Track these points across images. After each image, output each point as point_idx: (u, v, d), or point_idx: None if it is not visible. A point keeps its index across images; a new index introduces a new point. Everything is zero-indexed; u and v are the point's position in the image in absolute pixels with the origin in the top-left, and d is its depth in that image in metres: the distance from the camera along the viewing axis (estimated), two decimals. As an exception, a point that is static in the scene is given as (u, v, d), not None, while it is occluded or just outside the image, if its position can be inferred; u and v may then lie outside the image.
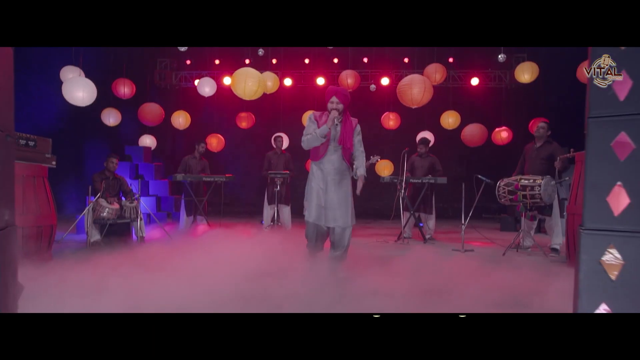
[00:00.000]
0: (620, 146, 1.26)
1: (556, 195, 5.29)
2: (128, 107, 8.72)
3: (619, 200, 1.27)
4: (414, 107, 6.13)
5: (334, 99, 3.72)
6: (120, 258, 4.15)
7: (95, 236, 5.44)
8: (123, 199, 5.88)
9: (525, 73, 7.61)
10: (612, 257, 1.27)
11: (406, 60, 10.27)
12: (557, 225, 5.31)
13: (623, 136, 1.26)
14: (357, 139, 3.88)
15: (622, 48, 1.26)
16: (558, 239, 5.25)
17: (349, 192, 3.78)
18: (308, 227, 3.81)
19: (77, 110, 7.28)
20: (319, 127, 3.71)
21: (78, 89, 5.25)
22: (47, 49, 8.20)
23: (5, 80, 1.46)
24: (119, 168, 7.73)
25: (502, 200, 5.42)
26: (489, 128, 8.74)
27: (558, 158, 5.20)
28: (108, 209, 5.43)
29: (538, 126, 5.56)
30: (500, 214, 9.14)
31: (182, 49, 5.57)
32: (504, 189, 5.38)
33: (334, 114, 3.66)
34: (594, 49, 1.38)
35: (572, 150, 4.88)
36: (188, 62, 10.99)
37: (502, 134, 8.64)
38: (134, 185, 6.18)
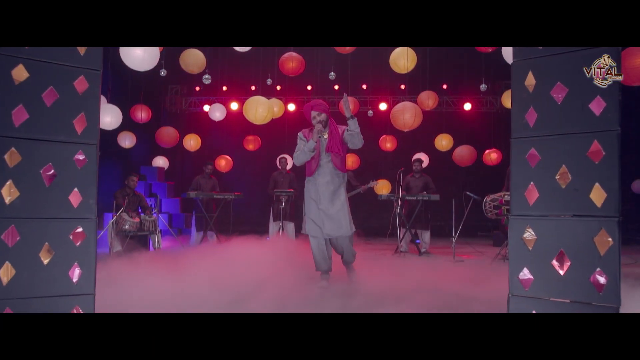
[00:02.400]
0: (531, 158, 1.82)
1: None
2: (141, 131, 9.37)
3: (532, 194, 1.82)
4: (405, 130, 6.75)
5: (314, 113, 3.90)
6: (143, 264, 4.69)
7: (117, 247, 5.98)
8: (142, 214, 6.43)
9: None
10: (529, 234, 1.81)
11: (402, 86, 10.95)
12: (539, 237, 5.83)
13: (533, 151, 1.82)
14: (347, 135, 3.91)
15: (531, 90, 1.84)
16: (539, 250, 5.76)
17: (345, 200, 3.93)
18: (312, 244, 3.95)
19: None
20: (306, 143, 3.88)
21: (106, 115, 5.89)
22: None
23: (97, 106, 2.01)
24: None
25: (489, 214, 5.95)
26: (480, 150, 9.35)
27: None
28: (130, 222, 5.98)
29: None
30: (493, 230, 9.64)
31: (207, 80, 6.20)
32: (490, 204, 5.92)
33: (318, 126, 3.84)
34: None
35: None
36: (197, 88, 11.70)
37: (492, 156, 9.24)
38: (153, 202, 6.75)
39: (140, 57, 4.45)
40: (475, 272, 4.77)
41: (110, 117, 5.89)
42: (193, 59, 6.04)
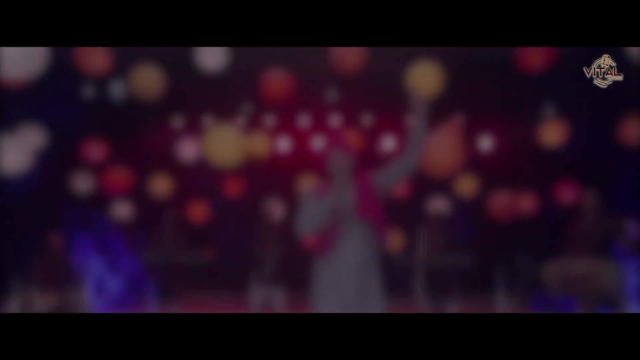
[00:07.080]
0: None
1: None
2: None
3: None
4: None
5: (338, 155, 2.74)
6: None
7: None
8: (67, 286, 4.66)
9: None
10: None
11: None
12: None
13: None
14: (385, 172, 2.79)
15: None
16: None
17: (379, 290, 2.68)
18: None
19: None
20: (320, 201, 2.63)
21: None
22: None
23: None
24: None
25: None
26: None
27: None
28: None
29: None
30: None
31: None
32: (554, 276, 4.22)
33: (341, 177, 2.70)
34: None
35: None
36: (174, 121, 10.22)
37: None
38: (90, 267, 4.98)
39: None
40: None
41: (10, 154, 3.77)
42: (144, 77, 4.41)
